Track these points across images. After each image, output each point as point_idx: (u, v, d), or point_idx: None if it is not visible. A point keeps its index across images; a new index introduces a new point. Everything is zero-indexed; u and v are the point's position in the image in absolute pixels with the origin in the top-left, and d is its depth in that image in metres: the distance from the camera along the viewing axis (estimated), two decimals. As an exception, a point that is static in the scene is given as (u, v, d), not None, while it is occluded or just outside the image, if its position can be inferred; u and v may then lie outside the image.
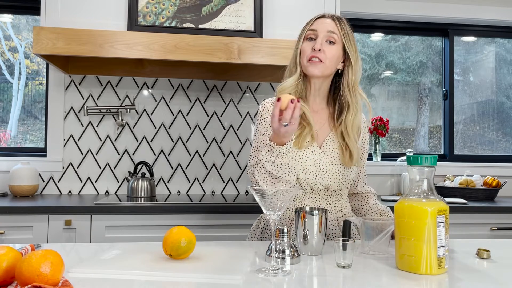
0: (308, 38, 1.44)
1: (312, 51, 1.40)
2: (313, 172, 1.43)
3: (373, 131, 2.98)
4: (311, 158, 1.43)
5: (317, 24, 1.43)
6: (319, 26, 1.42)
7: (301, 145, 1.41)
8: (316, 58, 1.39)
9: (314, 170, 1.43)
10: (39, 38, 2.16)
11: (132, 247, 1.23)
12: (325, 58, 1.40)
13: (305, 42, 1.44)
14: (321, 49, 1.40)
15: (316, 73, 1.41)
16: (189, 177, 2.77)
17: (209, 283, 0.94)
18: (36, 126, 2.88)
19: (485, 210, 2.41)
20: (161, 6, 2.38)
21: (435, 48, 3.32)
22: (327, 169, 1.44)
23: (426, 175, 1.06)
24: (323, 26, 1.42)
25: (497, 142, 3.37)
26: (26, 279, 0.82)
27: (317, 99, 1.50)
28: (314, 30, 1.42)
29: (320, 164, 1.44)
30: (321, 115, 1.51)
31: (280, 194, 1.04)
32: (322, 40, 1.41)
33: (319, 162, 1.44)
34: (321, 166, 1.44)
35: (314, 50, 1.40)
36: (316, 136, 1.46)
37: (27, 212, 2.08)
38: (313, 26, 1.43)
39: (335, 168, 1.45)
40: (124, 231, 2.13)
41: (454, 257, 1.20)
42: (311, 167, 1.43)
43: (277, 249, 1.12)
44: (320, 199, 1.47)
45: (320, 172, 1.43)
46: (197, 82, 2.79)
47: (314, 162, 1.43)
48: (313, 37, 1.43)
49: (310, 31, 1.43)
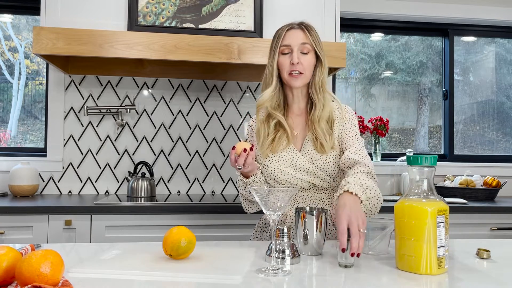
0: (282, 53, 1.51)
1: (290, 65, 1.48)
2: (291, 173, 1.49)
3: (373, 131, 2.98)
4: (287, 160, 1.50)
5: (289, 38, 1.50)
6: (291, 41, 1.49)
7: (276, 149, 1.51)
8: (296, 71, 1.48)
9: (291, 171, 1.49)
10: (39, 38, 2.16)
11: (132, 247, 1.23)
12: (303, 69, 1.49)
13: (281, 57, 1.51)
14: (298, 62, 1.47)
15: (298, 85, 1.50)
16: (189, 177, 2.77)
17: (209, 283, 0.94)
18: (36, 126, 2.89)
19: (485, 210, 2.41)
20: (161, 6, 2.38)
21: (435, 48, 3.32)
22: (304, 168, 1.49)
23: (426, 175, 1.07)
24: (295, 40, 1.49)
25: (497, 142, 3.37)
26: (26, 279, 0.82)
27: (300, 103, 1.57)
28: (288, 46, 1.49)
29: (296, 164, 1.50)
30: (302, 117, 1.58)
31: (280, 194, 1.05)
32: (298, 53, 1.48)
33: (295, 162, 1.50)
34: (298, 165, 1.50)
35: (293, 64, 1.47)
36: (295, 139, 1.54)
37: (27, 212, 2.08)
38: (286, 42, 1.50)
39: (313, 166, 1.48)
40: (124, 231, 2.14)
41: (454, 257, 1.20)
42: (287, 168, 1.50)
43: (277, 249, 1.12)
44: (313, 198, 1.52)
45: (298, 171, 1.49)
46: (197, 82, 2.79)
47: (290, 163, 1.50)
48: (287, 52, 1.50)
49: (284, 47, 1.50)
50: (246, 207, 1.62)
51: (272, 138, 1.52)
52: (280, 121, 1.52)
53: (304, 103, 1.57)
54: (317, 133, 1.49)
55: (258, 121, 1.56)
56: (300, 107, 1.57)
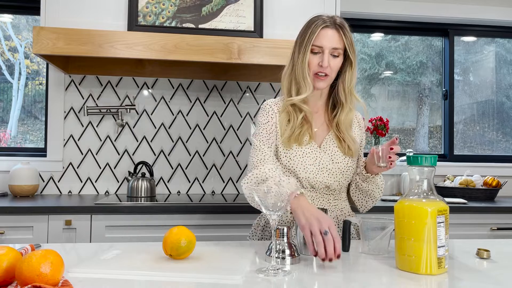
0: (312, 51, 1.44)
1: (318, 66, 1.42)
2: (313, 172, 1.46)
3: (373, 131, 2.98)
4: (311, 157, 1.47)
5: (322, 38, 1.42)
6: (324, 42, 1.41)
7: (301, 141, 1.46)
8: (323, 74, 1.43)
9: (314, 170, 1.46)
10: (39, 38, 2.15)
11: (132, 247, 1.23)
12: (330, 71, 1.44)
13: (310, 56, 1.44)
14: (328, 66, 1.42)
15: (322, 87, 1.46)
16: (189, 177, 2.77)
17: (209, 283, 0.94)
18: (36, 126, 2.89)
19: (485, 210, 2.41)
20: (161, 6, 2.38)
21: (435, 48, 3.32)
22: (327, 168, 1.47)
23: (426, 175, 1.07)
24: (329, 42, 1.41)
25: (497, 142, 3.37)
26: (26, 279, 0.82)
27: (319, 101, 1.55)
28: (320, 47, 1.42)
29: (320, 163, 1.47)
30: (320, 114, 1.55)
31: (280, 194, 1.04)
32: (328, 56, 1.42)
33: (319, 161, 1.47)
34: (321, 165, 1.47)
35: (321, 66, 1.41)
36: (314, 135, 1.51)
37: (27, 212, 2.08)
38: (318, 42, 1.42)
39: (335, 167, 1.48)
40: (124, 231, 2.13)
41: (454, 257, 1.20)
42: (311, 166, 1.46)
43: (277, 249, 1.12)
44: (320, 198, 1.49)
45: (320, 171, 1.47)
46: (197, 82, 2.79)
47: (314, 162, 1.47)
48: (317, 52, 1.43)
49: (315, 47, 1.43)
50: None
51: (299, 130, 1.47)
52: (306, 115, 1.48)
53: (323, 101, 1.55)
54: (344, 136, 1.49)
55: (287, 107, 1.48)
56: (318, 104, 1.54)
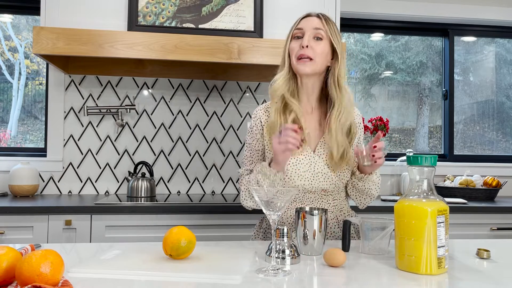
0: (295, 37, 1.44)
1: (300, 49, 1.40)
2: (308, 178, 1.43)
3: (373, 131, 2.98)
4: (305, 164, 1.43)
5: (303, 22, 1.44)
6: (305, 24, 1.43)
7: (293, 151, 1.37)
8: (306, 57, 1.39)
9: (309, 176, 1.43)
10: (39, 38, 2.15)
11: (132, 247, 1.23)
12: (314, 55, 1.39)
13: (292, 41, 1.44)
14: (308, 45, 1.39)
15: (306, 71, 1.40)
16: (189, 177, 2.77)
17: (209, 283, 0.94)
18: (36, 126, 2.88)
19: (485, 210, 2.41)
20: (161, 6, 2.38)
21: (435, 48, 3.32)
22: (322, 173, 1.43)
23: (426, 175, 1.07)
24: (309, 24, 1.42)
25: (497, 142, 3.37)
26: (26, 279, 0.82)
27: (310, 98, 1.48)
28: (300, 29, 1.43)
29: (314, 169, 1.43)
30: (314, 115, 1.50)
31: (280, 194, 1.04)
32: (309, 37, 1.41)
33: (313, 166, 1.43)
34: (316, 170, 1.43)
35: (302, 47, 1.39)
36: (308, 139, 1.45)
37: (27, 212, 2.08)
38: (299, 25, 1.43)
39: (330, 171, 1.44)
40: (124, 231, 2.13)
41: (454, 257, 1.20)
42: (305, 173, 1.42)
43: (277, 249, 1.12)
44: (319, 199, 1.47)
45: (316, 177, 1.43)
46: (197, 82, 2.79)
47: (309, 168, 1.43)
48: (300, 36, 1.43)
49: (297, 30, 1.43)
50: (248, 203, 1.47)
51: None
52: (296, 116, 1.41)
53: (315, 99, 1.48)
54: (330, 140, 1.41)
55: (274, 110, 1.42)
56: (311, 102, 1.48)
